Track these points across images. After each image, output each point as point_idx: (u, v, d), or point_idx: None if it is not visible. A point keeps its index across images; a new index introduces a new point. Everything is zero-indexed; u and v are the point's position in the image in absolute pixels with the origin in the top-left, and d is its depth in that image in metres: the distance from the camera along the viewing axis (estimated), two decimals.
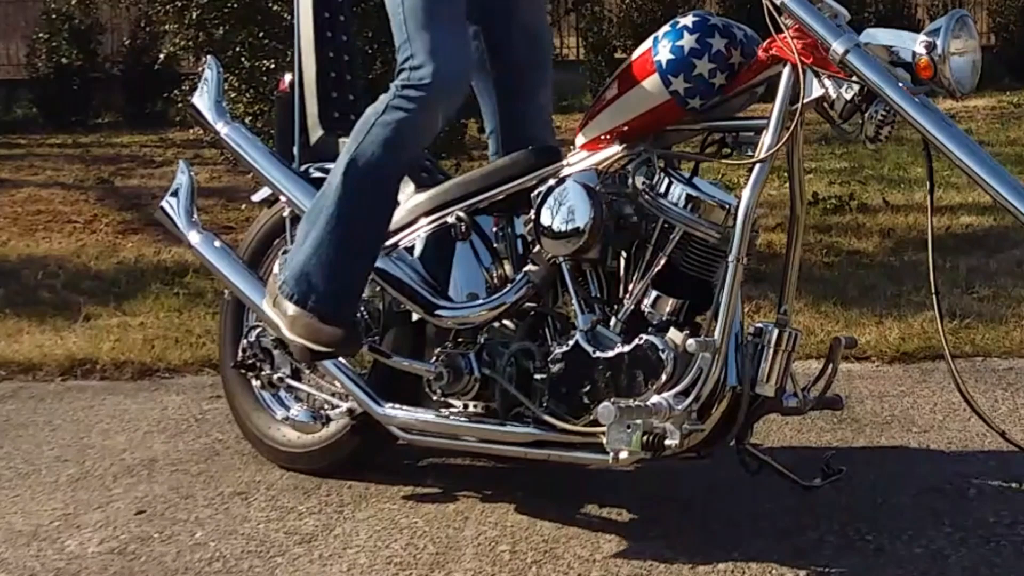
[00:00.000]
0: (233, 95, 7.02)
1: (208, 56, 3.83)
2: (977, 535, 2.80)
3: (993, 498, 3.02)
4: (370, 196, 2.99)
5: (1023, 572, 2.61)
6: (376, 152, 2.95)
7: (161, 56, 10.35)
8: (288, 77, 3.47)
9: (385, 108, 2.94)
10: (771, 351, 2.66)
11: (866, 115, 2.56)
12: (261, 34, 6.94)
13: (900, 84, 2.46)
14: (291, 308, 3.03)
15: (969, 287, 5.04)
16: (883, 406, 3.76)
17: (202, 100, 3.65)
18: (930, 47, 2.45)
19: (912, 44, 2.48)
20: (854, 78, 2.51)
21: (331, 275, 3.00)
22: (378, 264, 3.12)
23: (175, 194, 3.63)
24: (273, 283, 3.12)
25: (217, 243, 3.53)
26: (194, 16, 7.07)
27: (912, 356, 4.22)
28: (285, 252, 3.18)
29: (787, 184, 2.78)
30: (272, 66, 6.86)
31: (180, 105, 8.28)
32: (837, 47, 2.49)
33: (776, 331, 2.67)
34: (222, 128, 3.58)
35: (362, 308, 3.22)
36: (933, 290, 2.60)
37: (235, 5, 6.91)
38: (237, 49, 7.02)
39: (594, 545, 2.83)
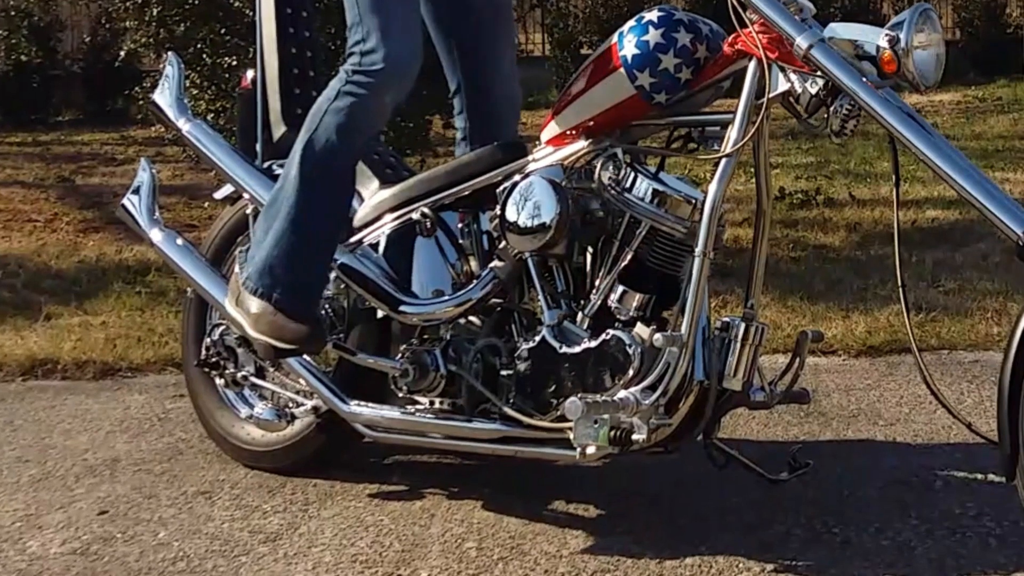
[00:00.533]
0: (195, 92, 6.97)
1: (169, 53, 3.80)
2: (943, 527, 2.80)
3: (959, 490, 3.02)
4: (327, 183, 2.98)
5: (989, 563, 2.61)
6: (330, 139, 2.93)
7: (122, 53, 10.28)
8: (251, 74, 3.45)
9: (336, 94, 2.93)
10: (738, 345, 2.65)
11: (831, 109, 2.55)
12: (223, 31, 6.90)
13: (864, 78, 2.46)
14: (255, 305, 3.00)
15: (935, 281, 5.06)
16: (849, 399, 3.76)
17: (163, 97, 3.62)
18: (893, 41, 2.45)
19: (876, 38, 2.48)
20: (819, 72, 2.51)
21: (294, 266, 2.98)
22: (343, 261, 3.10)
23: (137, 192, 3.60)
24: (235, 282, 3.09)
25: (179, 241, 3.50)
26: (155, 13, 7.02)
27: (878, 350, 4.23)
28: (244, 251, 3.15)
29: (752, 179, 2.77)
30: (234, 63, 6.82)
31: (141, 103, 8.23)
32: (801, 42, 2.49)
33: (743, 325, 2.66)
34: (184, 125, 3.55)
35: (326, 305, 3.20)
36: (899, 283, 2.61)
37: (196, 2, 6.87)
38: (198, 46, 6.97)
39: (561, 541, 2.81)
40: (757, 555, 2.69)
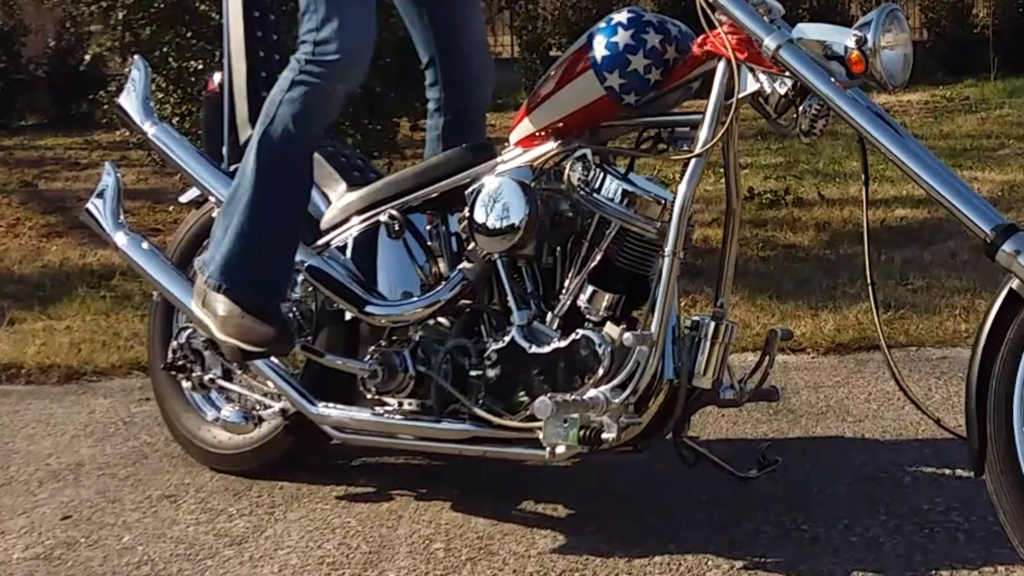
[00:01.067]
0: (160, 96, 6.93)
1: (136, 56, 3.77)
2: (912, 522, 2.80)
3: (927, 485, 3.02)
4: (285, 174, 2.96)
5: (957, 558, 2.61)
6: (286, 129, 2.91)
7: (87, 57, 10.20)
8: (217, 77, 3.42)
9: (290, 85, 2.91)
10: (708, 344, 2.65)
11: (800, 109, 2.55)
12: (189, 34, 6.86)
13: (832, 79, 2.46)
14: (222, 307, 2.97)
15: (903, 279, 5.07)
16: (818, 396, 3.76)
17: (129, 101, 3.59)
18: (861, 41, 2.45)
19: (844, 38, 2.48)
20: (787, 73, 2.51)
21: (257, 261, 2.96)
22: (311, 263, 3.08)
23: (101, 196, 3.57)
24: (200, 283, 3.06)
25: (145, 244, 3.48)
26: (120, 16, 6.97)
27: (847, 347, 4.24)
28: (201, 256, 3.12)
29: (722, 180, 2.77)
30: (200, 67, 6.78)
31: (106, 107, 8.16)
32: (769, 43, 2.49)
33: (713, 324, 2.65)
34: (149, 128, 3.53)
35: (294, 308, 3.18)
36: (869, 281, 2.60)
37: (162, 5, 6.83)
38: (164, 49, 6.92)
39: (529, 541, 2.79)
40: (726, 553, 2.68)
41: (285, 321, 3.03)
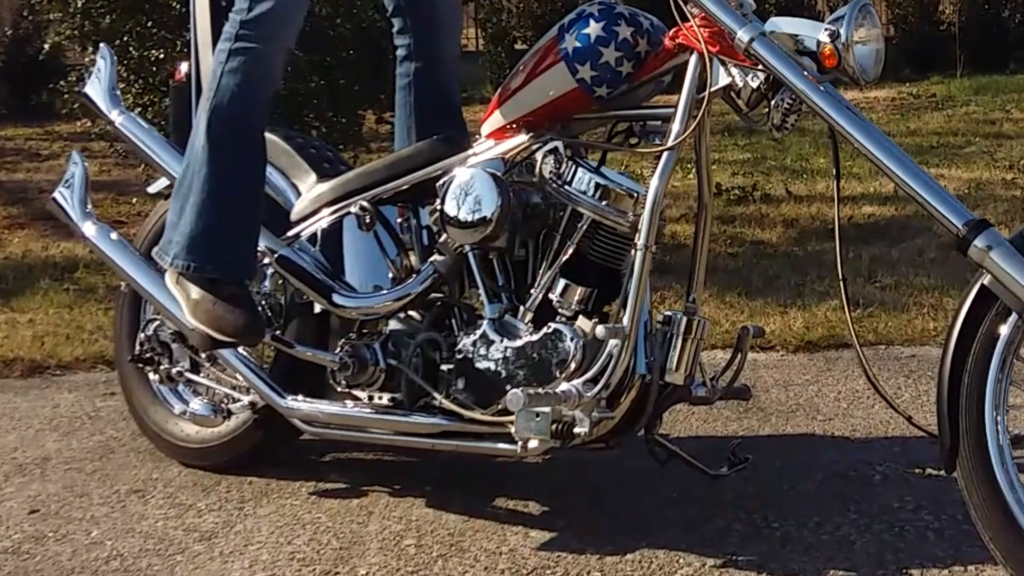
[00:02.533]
0: (122, 86, 6.86)
1: (101, 45, 3.73)
2: (882, 520, 2.80)
3: (897, 484, 3.03)
4: (239, 146, 2.94)
5: (927, 556, 2.61)
6: (233, 100, 2.90)
7: (46, 47, 10.10)
8: (184, 66, 3.38)
9: (228, 55, 2.90)
10: (680, 339, 2.65)
11: (772, 104, 2.55)
12: (149, 23, 6.80)
13: (805, 72, 2.46)
14: (195, 290, 2.93)
15: (872, 276, 5.09)
16: (788, 395, 3.77)
17: (95, 89, 3.56)
18: (834, 36, 2.44)
19: (816, 33, 2.47)
20: (760, 67, 2.50)
21: (221, 238, 2.93)
22: (281, 254, 3.06)
23: (68, 185, 3.53)
24: (170, 268, 3.02)
25: (113, 235, 3.45)
26: (80, 4, 6.91)
27: (816, 345, 4.25)
28: (159, 248, 3.06)
29: (690, 175, 2.77)
30: (161, 56, 6.73)
31: (67, 97, 8.08)
32: (743, 35, 2.48)
33: (685, 319, 2.65)
34: (116, 118, 3.50)
35: (264, 300, 3.16)
36: (840, 277, 2.60)
37: None
38: (125, 39, 6.87)
39: (501, 538, 2.79)
40: (697, 550, 2.68)
41: (256, 310, 3.00)
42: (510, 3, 13.44)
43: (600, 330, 2.57)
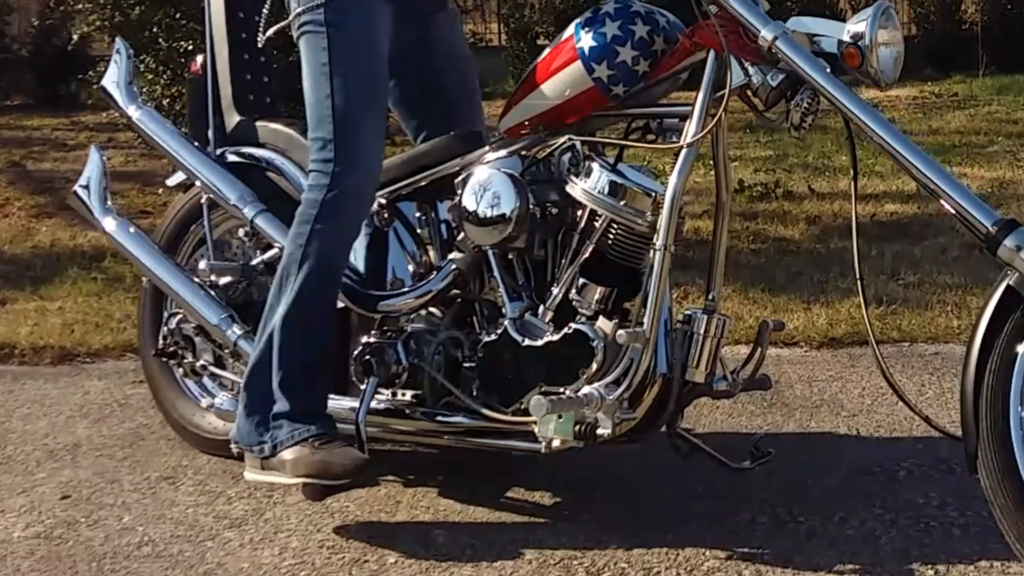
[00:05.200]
0: (150, 77, 6.93)
1: (117, 39, 3.74)
2: (907, 516, 2.82)
3: (922, 480, 3.04)
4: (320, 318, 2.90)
5: (953, 553, 2.63)
6: (320, 275, 2.86)
7: (74, 37, 10.14)
8: (200, 58, 3.39)
9: (317, 213, 2.84)
10: (700, 338, 2.66)
11: (791, 103, 2.55)
12: (178, 15, 6.85)
13: (829, 70, 2.47)
14: (288, 452, 2.82)
15: (894, 274, 5.09)
16: (812, 391, 3.78)
17: (113, 84, 3.56)
18: (857, 36, 2.45)
19: (838, 33, 2.49)
20: (780, 65, 2.51)
21: (305, 377, 2.88)
22: None
23: (88, 179, 3.54)
24: (250, 457, 2.91)
25: (132, 229, 3.45)
26: None
27: (840, 341, 4.25)
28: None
29: (712, 171, 2.77)
30: (190, 47, 6.77)
31: (94, 87, 8.13)
32: (766, 34, 2.49)
33: (705, 318, 2.67)
34: (134, 112, 3.50)
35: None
36: (858, 276, 2.61)
37: None
38: (153, 30, 6.90)
39: (528, 529, 2.81)
40: (723, 543, 2.70)
41: (349, 439, 2.87)
42: None
43: (621, 334, 2.58)
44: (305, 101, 2.89)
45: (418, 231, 3.06)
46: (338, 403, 3.02)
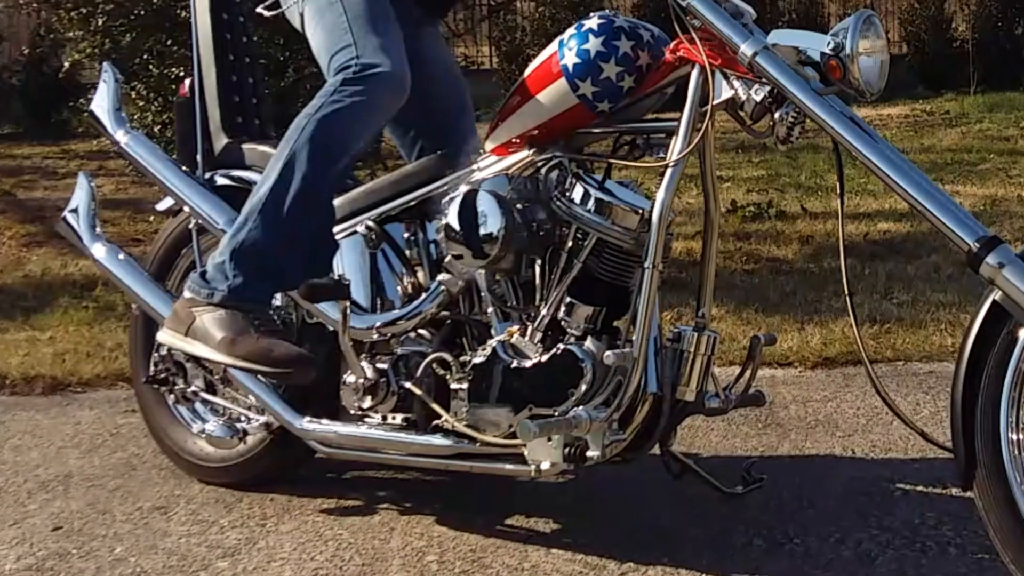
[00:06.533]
0: (141, 104, 6.91)
1: (104, 63, 3.73)
2: (903, 536, 2.81)
3: (917, 500, 3.03)
4: (322, 177, 2.85)
5: (949, 572, 2.62)
6: (336, 122, 2.81)
7: (65, 65, 10.13)
8: (188, 81, 3.37)
9: (333, 91, 2.82)
10: (691, 355, 2.65)
11: (776, 116, 2.53)
12: (169, 41, 6.84)
13: (810, 86, 2.44)
14: (230, 327, 2.79)
15: (888, 293, 5.09)
16: (807, 411, 3.77)
17: (101, 109, 3.55)
18: (838, 47, 2.43)
19: (820, 45, 2.45)
20: (764, 80, 2.49)
21: (280, 259, 2.84)
22: None
23: (76, 206, 3.53)
24: (183, 306, 2.91)
25: (121, 256, 3.44)
26: (100, 23, 6.94)
27: (834, 361, 4.25)
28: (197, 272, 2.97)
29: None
30: (181, 73, 6.75)
31: (85, 115, 8.12)
32: (746, 49, 2.46)
33: (695, 335, 2.65)
34: (122, 137, 3.48)
35: (276, 317, 3.17)
36: (847, 293, 2.59)
37: (142, 12, 6.80)
38: (145, 57, 6.90)
39: (522, 554, 2.79)
40: (719, 566, 2.69)
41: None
42: (525, 20, 13.47)
43: (609, 355, 2.57)
44: (318, 60, 2.89)
45: (407, 252, 3.04)
46: (328, 428, 3.01)
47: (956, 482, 2.45)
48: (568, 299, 2.71)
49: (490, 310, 2.81)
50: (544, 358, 2.68)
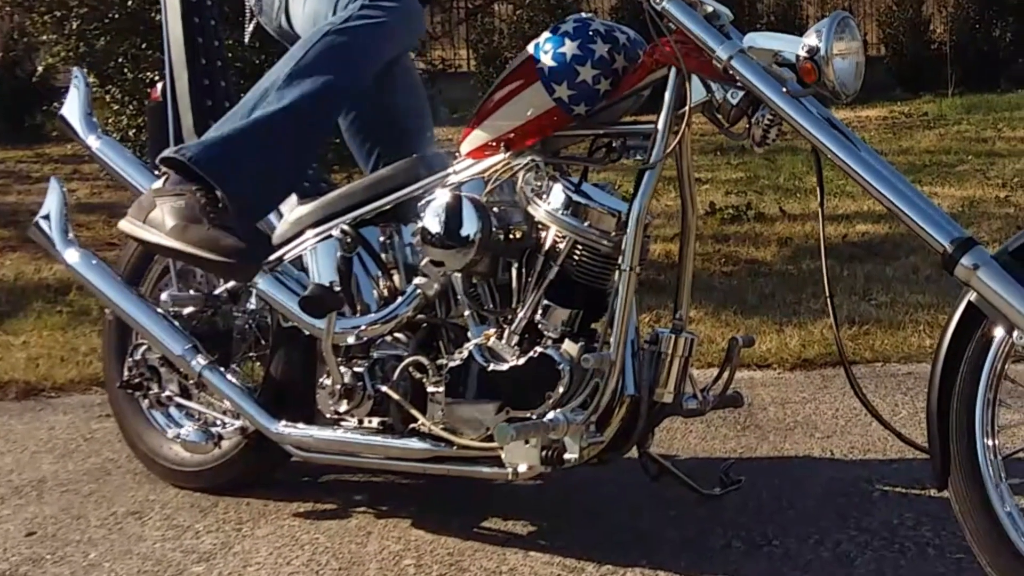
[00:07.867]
0: (116, 107, 6.87)
1: (74, 68, 3.70)
2: (882, 537, 2.80)
3: (896, 500, 3.02)
4: (327, 105, 2.86)
5: (928, 573, 2.61)
6: (344, 55, 2.83)
7: (39, 69, 10.07)
8: (160, 85, 3.33)
9: (358, 9, 2.83)
10: (668, 357, 2.63)
11: (753, 119, 2.52)
12: (144, 45, 6.79)
13: (784, 88, 2.43)
14: (185, 213, 2.76)
15: (867, 294, 5.09)
16: (786, 412, 3.76)
17: (72, 113, 3.52)
18: (813, 50, 2.41)
19: (795, 47, 2.43)
20: (739, 84, 2.49)
21: (257, 161, 2.80)
22: (264, 281, 3.03)
23: (49, 211, 3.50)
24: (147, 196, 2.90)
25: (94, 260, 3.41)
26: (74, 26, 6.89)
27: (813, 363, 4.25)
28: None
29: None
30: (156, 78, 6.71)
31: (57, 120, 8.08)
32: (721, 54, 2.45)
33: (672, 337, 2.64)
34: (93, 142, 3.45)
35: (250, 321, 3.14)
36: (828, 295, 2.58)
37: (117, 16, 6.76)
38: (119, 60, 6.86)
39: (500, 557, 2.78)
40: (697, 568, 2.68)
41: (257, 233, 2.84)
42: (502, 24, 13.48)
43: (587, 358, 2.55)
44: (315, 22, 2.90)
45: (382, 256, 3.02)
46: (304, 432, 2.99)
47: (933, 483, 2.44)
48: (545, 302, 2.69)
49: (467, 313, 2.79)
50: (521, 361, 2.66)
